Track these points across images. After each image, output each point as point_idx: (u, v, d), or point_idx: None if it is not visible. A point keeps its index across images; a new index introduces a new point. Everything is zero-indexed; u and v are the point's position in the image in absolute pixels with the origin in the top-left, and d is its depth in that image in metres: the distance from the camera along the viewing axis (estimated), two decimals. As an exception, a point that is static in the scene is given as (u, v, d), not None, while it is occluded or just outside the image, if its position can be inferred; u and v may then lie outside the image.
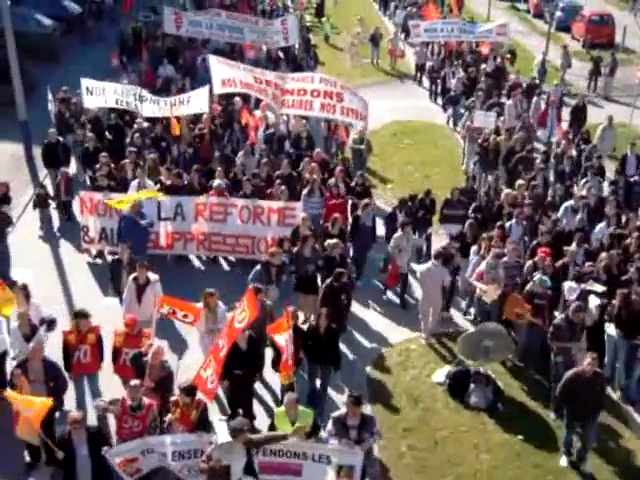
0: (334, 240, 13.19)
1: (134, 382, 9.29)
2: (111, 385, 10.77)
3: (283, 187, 14.96)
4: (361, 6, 40.70)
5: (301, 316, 12.08)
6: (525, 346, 12.49)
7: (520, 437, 11.02)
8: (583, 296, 12.14)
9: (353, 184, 15.85)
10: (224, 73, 17.46)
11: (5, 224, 14.50)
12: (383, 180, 19.76)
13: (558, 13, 36.40)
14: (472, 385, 11.65)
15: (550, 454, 10.80)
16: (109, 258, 14.66)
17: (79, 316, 10.47)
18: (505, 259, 12.74)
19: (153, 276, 11.81)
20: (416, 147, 22.01)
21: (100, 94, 17.70)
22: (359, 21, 33.48)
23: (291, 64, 25.23)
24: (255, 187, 15.21)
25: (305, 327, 11.21)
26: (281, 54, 25.77)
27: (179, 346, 12.20)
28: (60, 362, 10.36)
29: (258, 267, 12.52)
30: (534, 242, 13.76)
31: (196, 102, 17.40)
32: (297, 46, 26.30)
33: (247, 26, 24.38)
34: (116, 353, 10.53)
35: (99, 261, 15.26)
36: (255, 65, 20.75)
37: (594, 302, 12.07)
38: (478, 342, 11.56)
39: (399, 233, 13.90)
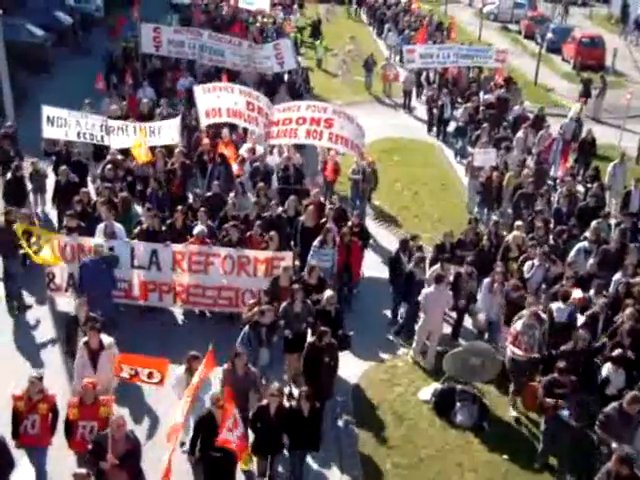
0: (329, 292, 11.53)
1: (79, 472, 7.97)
2: (63, 461, 9.32)
3: (273, 233, 13.10)
4: (354, 27, 39.89)
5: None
6: (552, 435, 10.48)
7: (506, 457, 10.64)
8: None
9: (349, 224, 14.13)
10: (209, 103, 15.86)
11: None
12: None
13: (549, 35, 36.23)
14: (458, 404, 11.25)
15: (535, 475, 10.41)
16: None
17: (31, 380, 9.01)
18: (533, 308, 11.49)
19: (107, 340, 10.11)
20: (406, 164, 21.58)
21: (62, 125, 15.87)
22: (351, 39, 33.34)
23: (289, 91, 22.89)
24: (243, 235, 13.31)
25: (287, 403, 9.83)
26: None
27: (145, 413, 10.96)
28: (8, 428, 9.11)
29: (246, 329, 10.84)
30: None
31: (167, 133, 15.83)
32: (293, 71, 24.14)
33: (229, 48, 22.51)
34: (70, 426, 8.97)
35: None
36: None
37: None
38: (465, 360, 11.26)
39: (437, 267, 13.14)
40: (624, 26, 41.49)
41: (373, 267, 15.07)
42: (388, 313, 14.00)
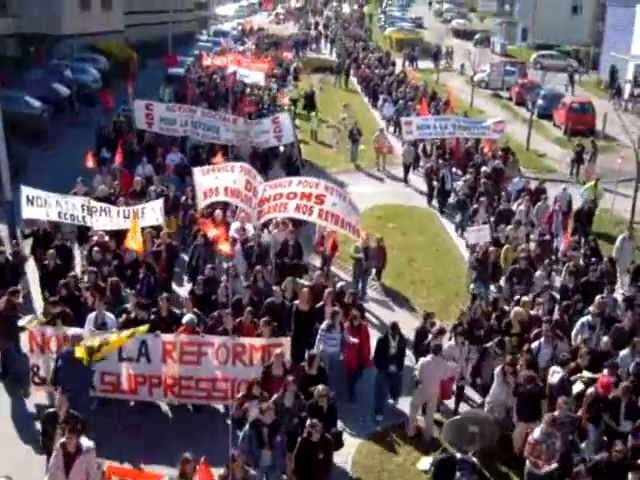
0: (321, 387, 10.65)
1: None
2: None
3: (265, 319, 12.30)
4: (347, 97, 39.58)
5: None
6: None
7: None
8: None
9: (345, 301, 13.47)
10: (207, 184, 15.18)
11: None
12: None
13: (540, 101, 36.19)
14: (458, 473, 10.59)
15: None
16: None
17: None
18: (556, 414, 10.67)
19: (87, 443, 9.18)
20: (401, 231, 21.29)
21: (42, 205, 15.18)
22: (344, 107, 33.28)
23: (285, 166, 22.03)
24: (240, 322, 12.50)
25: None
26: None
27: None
28: None
29: (247, 428, 10.01)
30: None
31: (151, 215, 15.13)
32: (288, 145, 23.09)
33: (223, 125, 21.82)
34: None
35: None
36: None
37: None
38: (463, 428, 10.80)
39: (452, 343, 12.70)
40: (612, 92, 41.73)
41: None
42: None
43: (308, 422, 9.89)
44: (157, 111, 21.81)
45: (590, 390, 11.40)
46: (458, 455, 10.84)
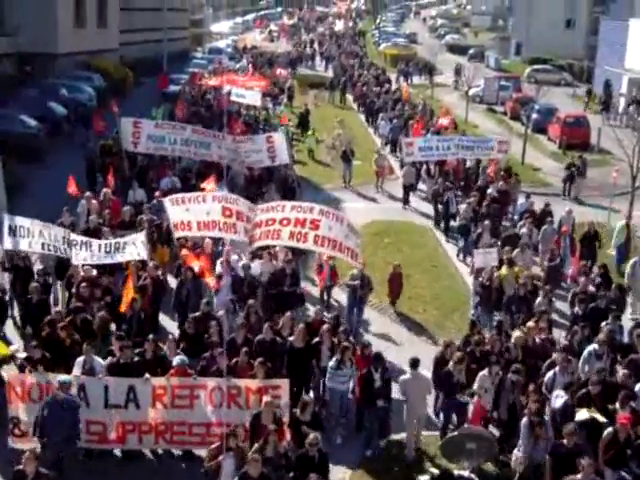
0: (312, 435, 9.85)
1: None
2: None
3: (260, 360, 11.46)
4: (342, 114, 38.33)
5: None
6: None
7: None
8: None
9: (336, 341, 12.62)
10: (178, 216, 14.02)
11: None
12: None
13: (534, 115, 35.77)
14: None
15: None
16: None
17: None
18: None
19: None
20: (397, 247, 20.93)
21: (25, 235, 14.07)
22: (339, 123, 32.60)
23: (280, 187, 21.22)
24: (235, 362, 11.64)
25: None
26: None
27: None
28: None
29: None
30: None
31: (132, 249, 14.02)
32: (282, 166, 22.04)
33: (214, 142, 20.72)
34: None
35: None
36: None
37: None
38: (461, 445, 10.60)
39: (485, 372, 12.02)
40: (601, 106, 41.11)
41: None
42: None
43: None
44: (144, 129, 20.48)
45: (609, 430, 10.62)
46: (456, 472, 10.81)
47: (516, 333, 13.30)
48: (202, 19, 71.45)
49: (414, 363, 11.83)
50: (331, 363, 12.17)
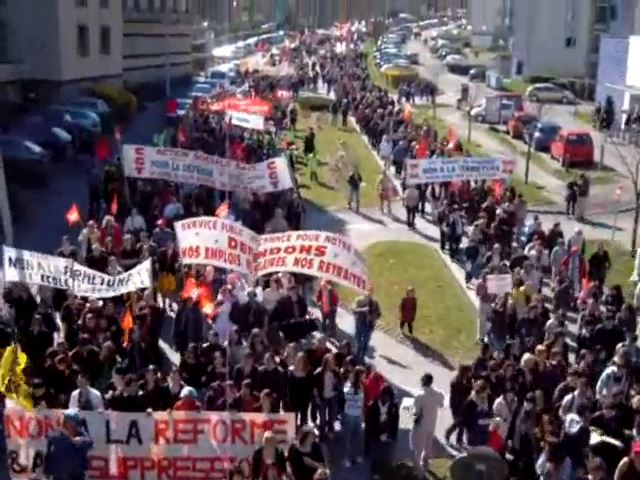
0: (320, 470, 9.59)
1: None
2: None
3: (265, 392, 11.13)
4: (345, 136, 38.36)
5: None
6: None
7: None
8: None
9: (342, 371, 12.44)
10: (188, 240, 13.59)
11: None
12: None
13: (537, 134, 35.43)
14: None
15: None
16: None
17: None
18: None
19: None
20: (402, 267, 20.82)
21: (24, 267, 13.74)
22: (342, 145, 32.47)
23: (286, 212, 20.75)
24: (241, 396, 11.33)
25: None
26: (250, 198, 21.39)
27: None
28: None
29: None
30: None
31: (136, 279, 13.63)
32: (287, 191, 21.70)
33: (217, 168, 20.37)
34: None
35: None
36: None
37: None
38: (471, 466, 10.33)
39: (501, 400, 11.82)
40: (602, 123, 40.98)
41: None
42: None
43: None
44: (147, 155, 20.19)
45: (624, 460, 10.30)
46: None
47: (526, 356, 13.07)
48: (204, 43, 71.68)
49: (427, 380, 11.89)
50: (346, 389, 12.12)
